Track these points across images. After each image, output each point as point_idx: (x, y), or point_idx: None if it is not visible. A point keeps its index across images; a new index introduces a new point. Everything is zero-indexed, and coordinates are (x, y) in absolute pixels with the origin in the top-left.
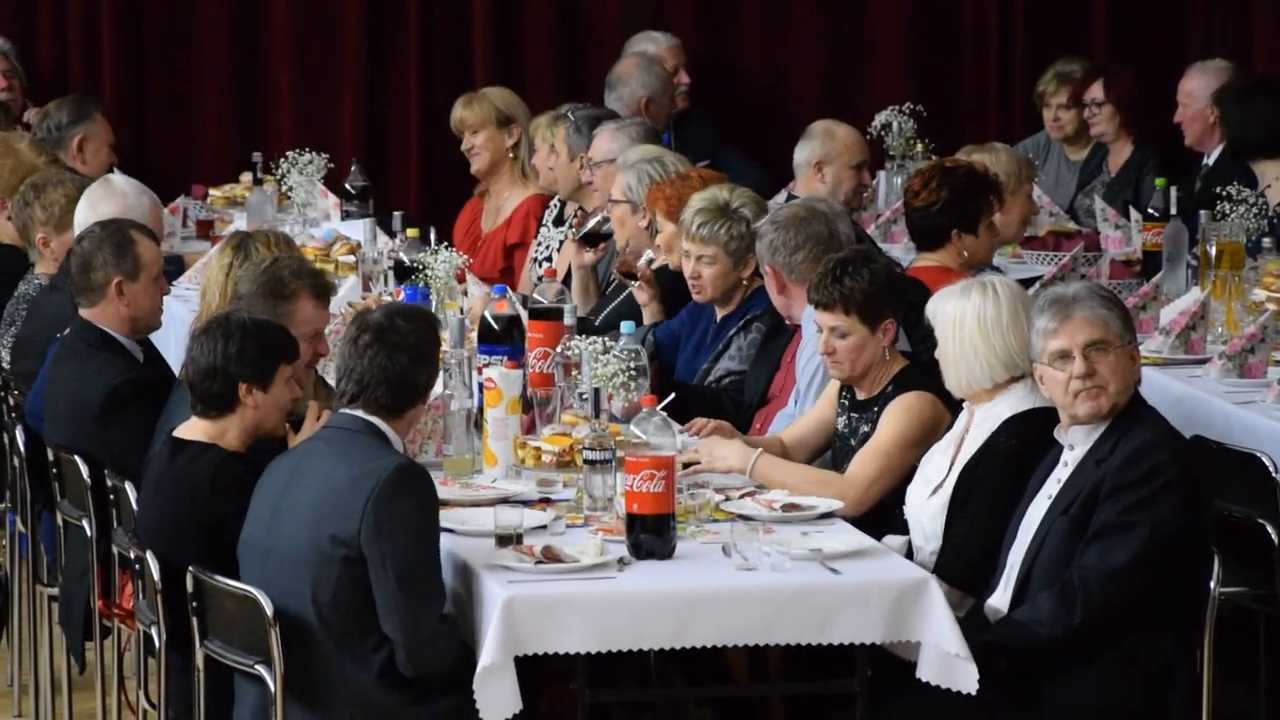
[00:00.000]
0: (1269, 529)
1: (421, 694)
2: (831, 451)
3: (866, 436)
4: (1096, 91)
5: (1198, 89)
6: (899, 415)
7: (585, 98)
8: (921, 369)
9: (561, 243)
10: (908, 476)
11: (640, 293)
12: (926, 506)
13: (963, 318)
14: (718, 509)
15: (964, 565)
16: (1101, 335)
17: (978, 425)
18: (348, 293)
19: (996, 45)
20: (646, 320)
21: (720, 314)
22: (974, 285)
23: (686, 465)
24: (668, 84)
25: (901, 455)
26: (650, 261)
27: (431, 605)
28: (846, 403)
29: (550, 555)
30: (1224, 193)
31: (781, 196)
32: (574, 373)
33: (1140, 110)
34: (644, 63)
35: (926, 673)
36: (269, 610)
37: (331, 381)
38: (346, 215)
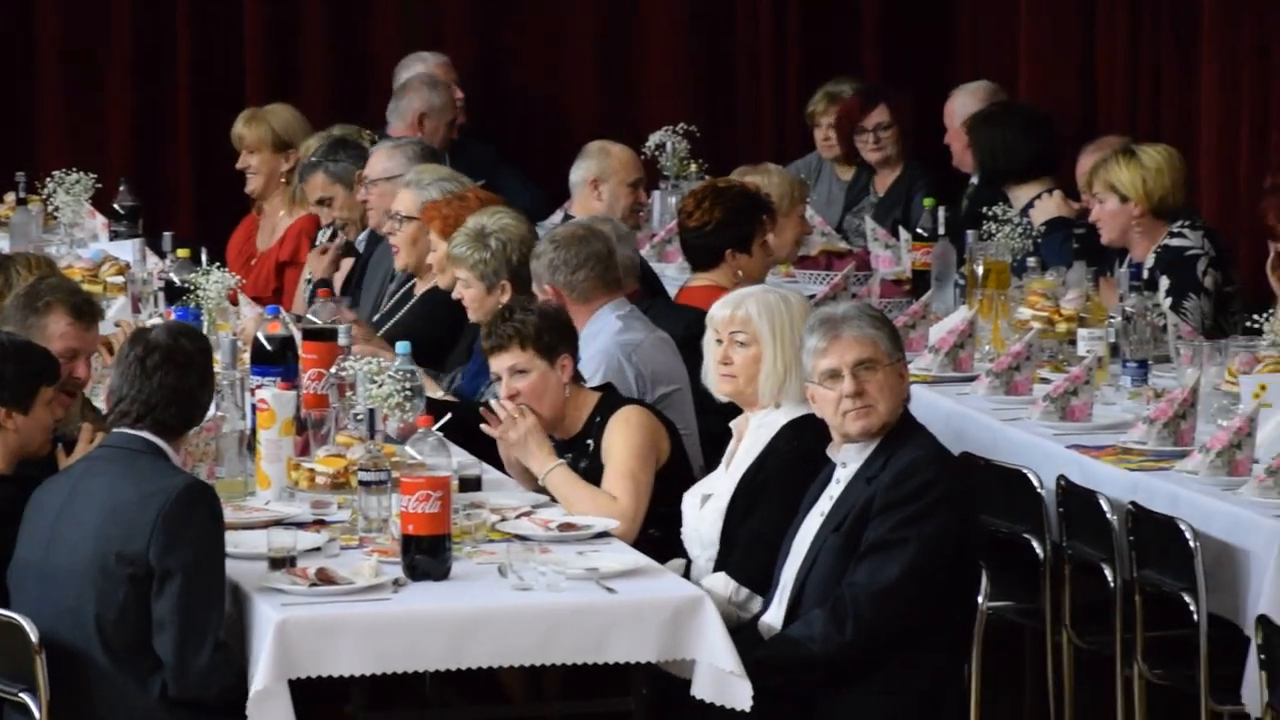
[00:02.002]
0: (1035, 544)
1: (198, 717)
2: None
3: (587, 471)
4: (881, 116)
5: (961, 110)
6: (626, 433)
7: (362, 115)
8: (620, 396)
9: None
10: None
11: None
12: (704, 515)
13: (792, 324)
14: (494, 529)
15: (754, 564)
16: (870, 354)
17: (754, 431)
18: (117, 313)
19: (770, 66)
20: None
21: None
22: (783, 291)
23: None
24: (449, 104)
25: (646, 470)
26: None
27: (208, 629)
28: (553, 444)
29: (324, 577)
30: (989, 213)
31: (558, 216)
32: (349, 393)
33: (917, 132)
34: (429, 80)
35: (701, 690)
36: (34, 636)
37: (98, 403)
38: (115, 235)
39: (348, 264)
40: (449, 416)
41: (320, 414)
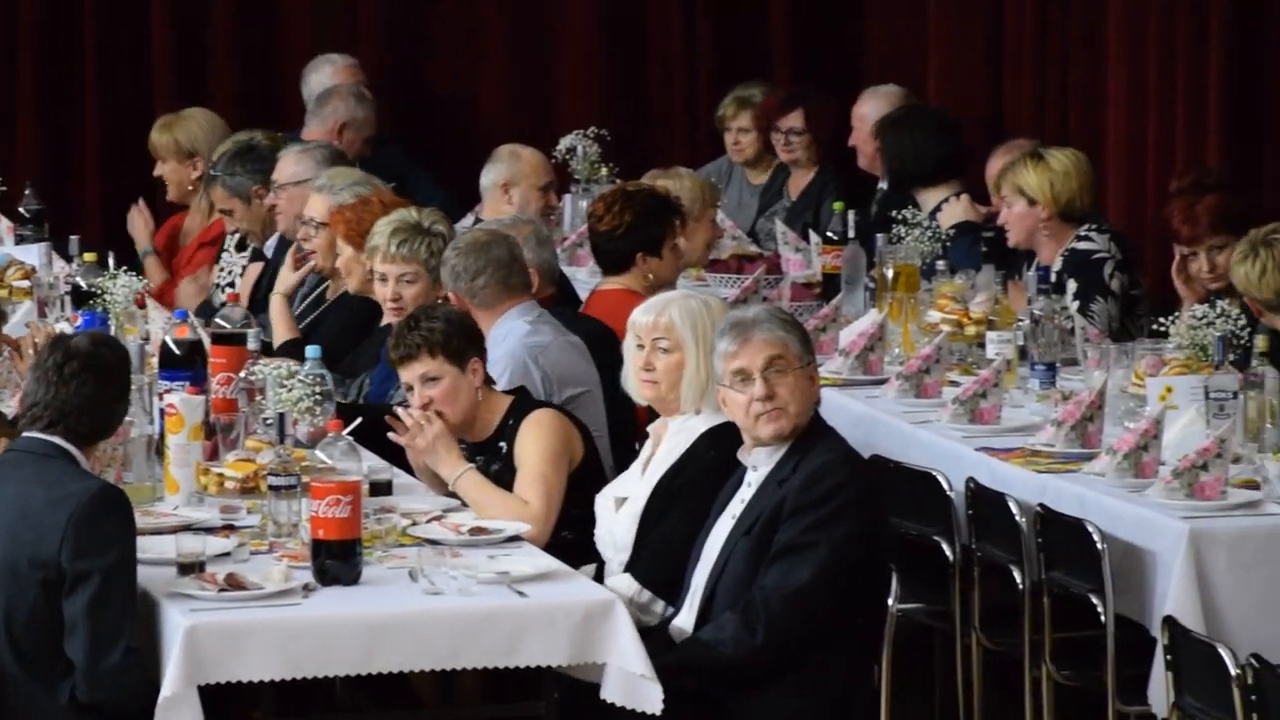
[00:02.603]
0: (944, 546)
1: None
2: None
3: (499, 474)
4: (795, 121)
5: (870, 114)
6: (538, 436)
7: (273, 118)
8: (533, 398)
9: (244, 268)
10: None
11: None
12: (619, 518)
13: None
14: (404, 534)
15: (661, 568)
16: (781, 356)
17: (672, 436)
18: (23, 317)
19: (681, 70)
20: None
21: None
22: (704, 296)
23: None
24: (370, 119)
25: (558, 473)
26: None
27: (120, 633)
28: (465, 451)
29: (233, 583)
30: (898, 216)
31: (469, 219)
32: (258, 398)
33: (834, 137)
34: (356, 91)
35: (611, 694)
36: None
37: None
38: (21, 239)
39: (256, 269)
40: (359, 421)
41: (229, 419)
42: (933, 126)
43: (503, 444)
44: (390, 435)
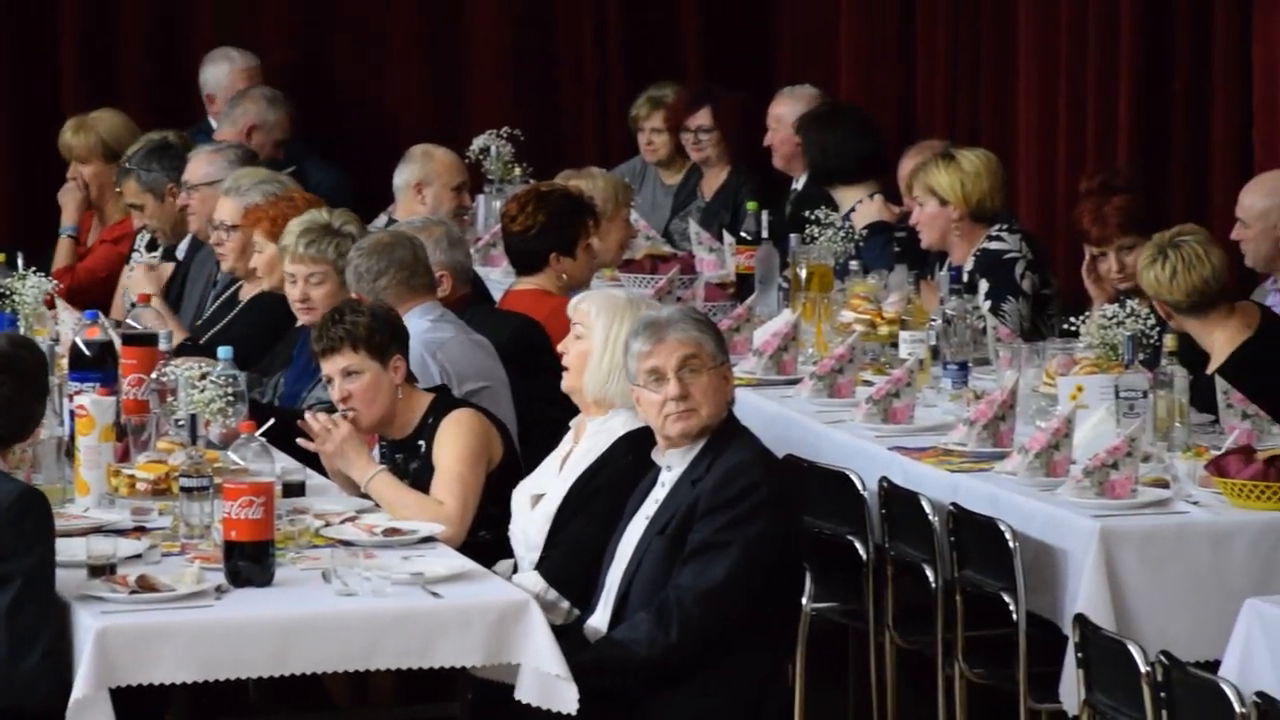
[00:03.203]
0: (858, 545)
1: None
2: None
3: (419, 472)
4: (704, 119)
5: (787, 114)
6: (456, 436)
7: (180, 116)
8: (453, 397)
9: (153, 268)
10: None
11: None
12: (534, 516)
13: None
14: (318, 535)
15: (570, 567)
16: (694, 355)
17: (590, 437)
18: None
19: (593, 70)
20: None
21: None
22: (641, 303)
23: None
24: (282, 123)
25: (475, 473)
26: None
27: (38, 636)
28: (384, 447)
29: (145, 585)
30: (812, 216)
31: (382, 220)
32: (170, 399)
33: (741, 135)
34: (271, 95)
35: (526, 694)
36: None
37: None
38: None
39: (167, 269)
40: (272, 422)
41: (140, 420)
42: (856, 125)
43: (422, 442)
44: (299, 441)
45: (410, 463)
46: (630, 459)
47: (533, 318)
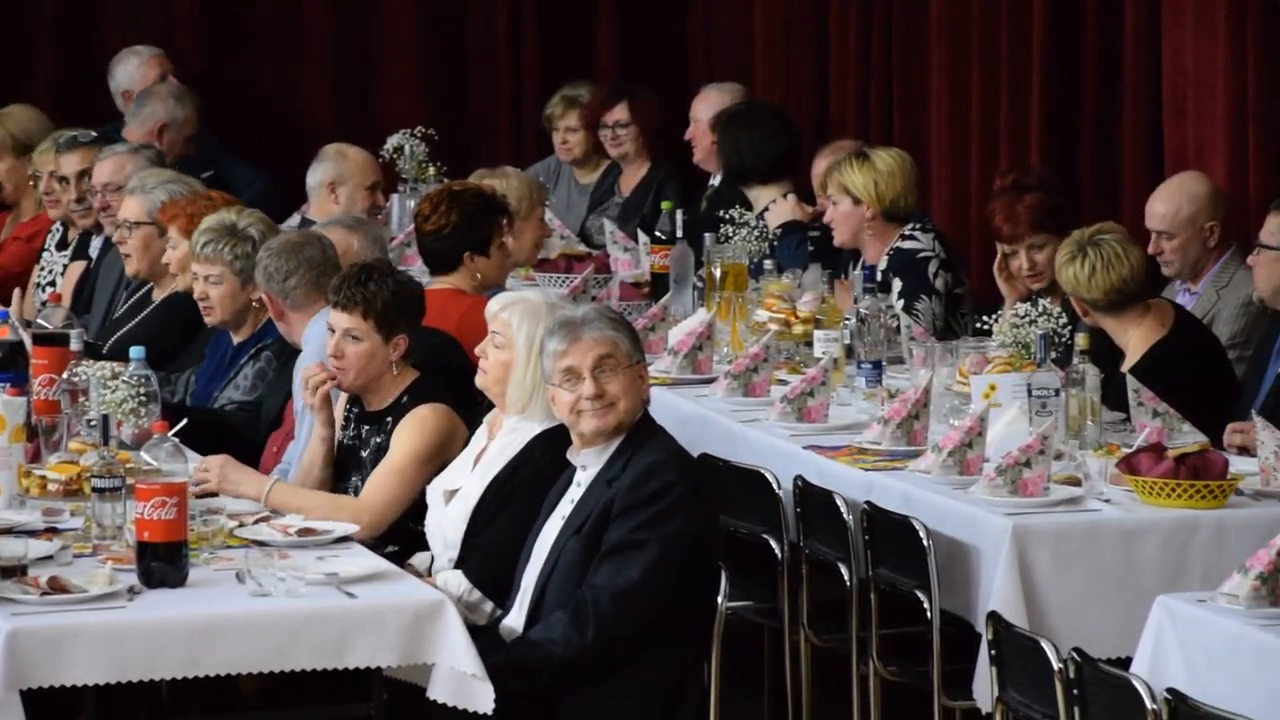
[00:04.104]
0: (773, 544)
1: None
2: (336, 463)
3: (379, 448)
4: (621, 113)
5: (709, 109)
6: (413, 432)
7: (90, 114)
8: (436, 381)
9: (65, 267)
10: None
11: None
12: (448, 513)
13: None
14: (232, 535)
15: (492, 568)
16: (610, 355)
17: (506, 434)
18: None
19: (506, 68)
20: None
21: (235, 340)
22: (561, 307)
23: (201, 497)
24: (191, 119)
25: (418, 473)
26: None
27: None
28: (354, 414)
29: (56, 586)
30: (726, 216)
31: (295, 219)
32: (81, 399)
33: (659, 132)
34: (176, 92)
35: (440, 693)
36: None
37: None
38: None
39: (78, 268)
40: (184, 422)
41: (52, 420)
42: (773, 124)
43: (390, 419)
44: (193, 486)
45: (374, 437)
46: (547, 458)
47: (451, 336)
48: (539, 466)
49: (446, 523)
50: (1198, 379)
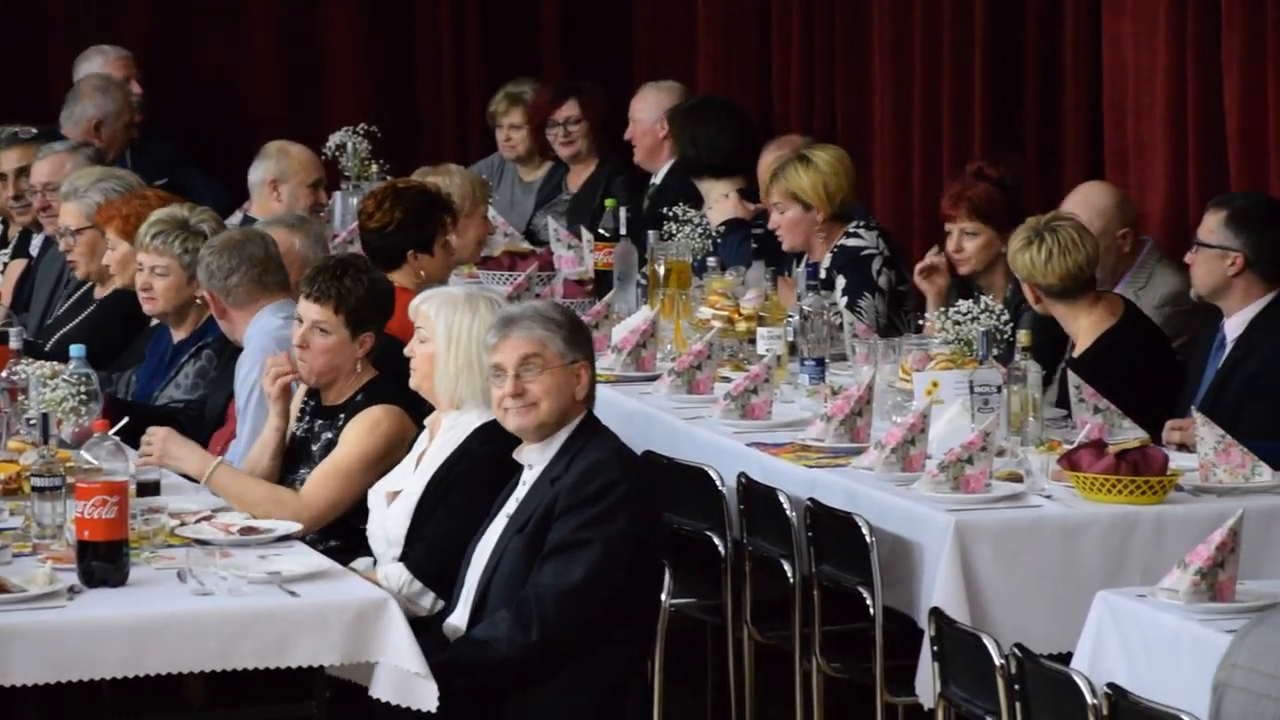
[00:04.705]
0: (716, 541)
1: None
2: (287, 452)
3: (329, 443)
4: (571, 110)
5: (648, 108)
6: (363, 433)
7: (37, 114)
8: (393, 380)
9: (5, 265)
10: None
11: None
12: (390, 513)
13: (470, 330)
14: (173, 534)
15: (434, 560)
16: (536, 354)
17: (445, 432)
18: None
19: (450, 66)
20: None
21: (177, 338)
22: (481, 299)
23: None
24: (124, 108)
25: (363, 475)
26: None
27: None
28: (310, 406)
29: None
30: (670, 213)
31: (238, 217)
32: (21, 398)
33: (607, 128)
34: (102, 84)
35: (384, 692)
36: None
37: None
38: None
39: (18, 266)
40: (125, 421)
41: None
42: (729, 119)
43: (343, 415)
44: (134, 459)
45: (325, 431)
46: (486, 449)
47: (398, 339)
48: (477, 458)
49: (390, 522)
50: (1145, 368)
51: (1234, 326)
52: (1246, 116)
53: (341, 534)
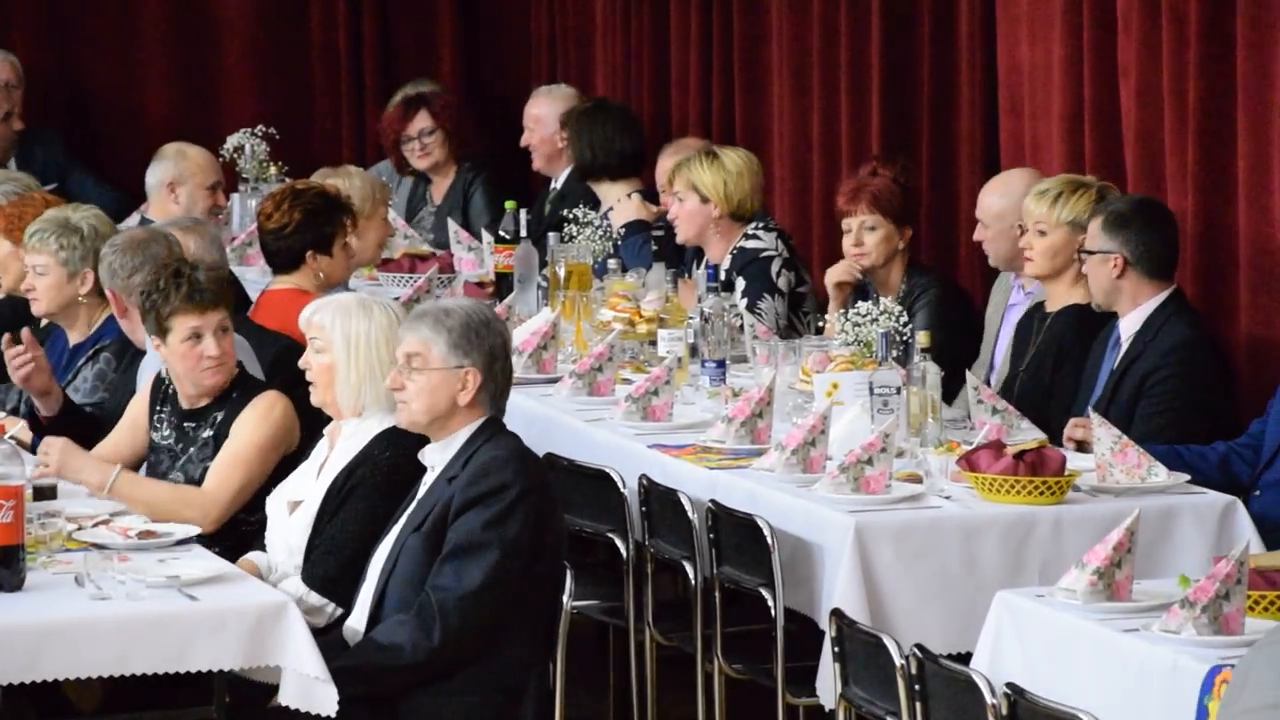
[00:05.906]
0: (618, 543)
1: None
2: (148, 465)
3: (209, 441)
4: (424, 121)
5: (546, 114)
6: (258, 419)
7: None
8: (250, 375)
9: None
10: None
11: None
12: (291, 522)
13: (369, 336)
14: (70, 538)
15: (330, 567)
16: (418, 354)
17: (346, 439)
18: None
19: (347, 67)
20: None
21: (73, 340)
22: (374, 304)
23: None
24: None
25: (263, 461)
26: None
27: None
28: (166, 411)
29: None
30: (570, 215)
31: (135, 219)
32: None
33: (464, 132)
34: None
35: (287, 697)
36: None
37: None
38: None
39: None
40: (21, 424)
41: None
42: (623, 121)
43: (218, 414)
44: (33, 474)
45: (201, 431)
46: (388, 454)
47: (296, 341)
48: (378, 463)
49: (291, 533)
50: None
51: (1128, 326)
52: (1143, 118)
53: (232, 536)
